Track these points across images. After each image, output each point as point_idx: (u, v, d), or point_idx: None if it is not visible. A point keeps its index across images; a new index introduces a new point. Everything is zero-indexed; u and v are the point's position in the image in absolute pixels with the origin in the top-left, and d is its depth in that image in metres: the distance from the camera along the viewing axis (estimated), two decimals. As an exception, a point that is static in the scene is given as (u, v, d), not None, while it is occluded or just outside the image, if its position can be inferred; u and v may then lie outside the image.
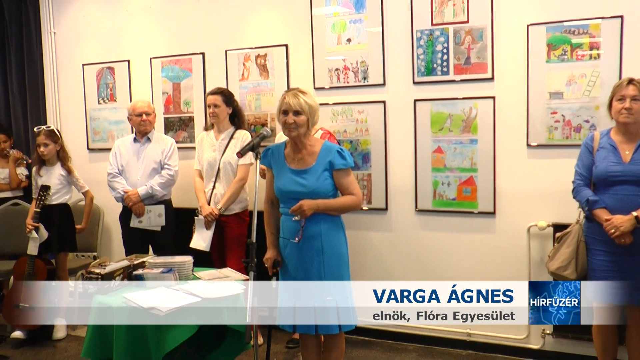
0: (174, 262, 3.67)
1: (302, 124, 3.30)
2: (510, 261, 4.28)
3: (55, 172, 4.95)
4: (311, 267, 3.33)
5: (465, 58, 4.30)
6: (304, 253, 3.35)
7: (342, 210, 3.40)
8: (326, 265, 3.32)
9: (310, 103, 3.33)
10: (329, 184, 3.33)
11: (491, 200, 4.31)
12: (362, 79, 4.64)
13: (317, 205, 3.28)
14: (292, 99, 3.31)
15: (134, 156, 4.88)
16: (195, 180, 4.78)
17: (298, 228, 3.32)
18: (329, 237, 3.34)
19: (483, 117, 4.28)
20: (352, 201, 3.37)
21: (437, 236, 4.52)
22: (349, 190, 3.37)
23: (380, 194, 4.65)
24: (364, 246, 4.73)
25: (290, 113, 3.30)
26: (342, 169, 3.34)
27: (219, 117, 4.63)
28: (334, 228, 3.38)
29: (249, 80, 5.07)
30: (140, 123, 4.84)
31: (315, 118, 3.36)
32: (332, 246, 3.35)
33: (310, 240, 3.33)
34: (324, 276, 3.32)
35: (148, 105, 4.91)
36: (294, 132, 3.32)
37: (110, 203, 5.31)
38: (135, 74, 5.65)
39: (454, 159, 4.39)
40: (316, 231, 3.32)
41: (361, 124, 4.67)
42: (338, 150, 3.34)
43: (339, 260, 3.37)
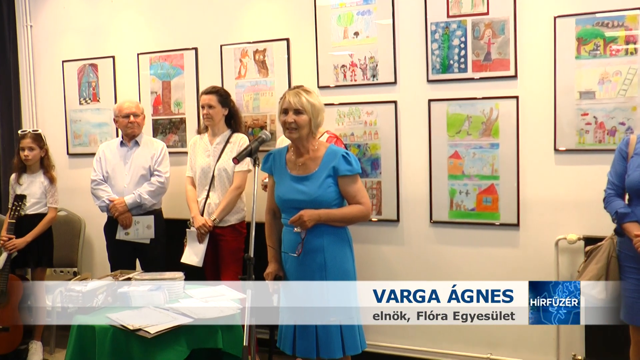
0: (163, 279, 3.69)
1: (303, 124, 3.31)
2: (536, 277, 4.05)
3: (37, 181, 4.96)
4: (312, 284, 3.34)
5: (485, 54, 4.30)
6: (305, 268, 3.36)
7: (348, 222, 3.40)
8: (329, 283, 3.33)
9: (314, 102, 3.34)
10: (332, 191, 3.33)
11: (514, 210, 4.29)
12: (371, 76, 4.64)
13: (319, 216, 3.28)
14: (293, 97, 3.32)
15: (120, 162, 4.88)
16: (187, 188, 4.77)
17: (298, 240, 3.32)
18: (332, 251, 3.34)
19: (505, 119, 4.27)
20: (359, 211, 3.37)
21: (454, 251, 4.50)
22: (356, 199, 3.37)
23: (391, 204, 4.64)
24: (373, 261, 4.72)
25: (291, 112, 3.31)
26: (348, 176, 3.34)
27: (214, 119, 4.64)
28: (338, 241, 3.38)
29: (246, 78, 5.07)
30: (127, 125, 4.85)
31: (319, 119, 3.37)
32: (336, 262, 3.35)
33: (311, 255, 3.33)
34: (326, 294, 3.32)
35: (136, 105, 4.92)
36: (294, 133, 3.33)
37: (92, 213, 5.31)
38: (121, 72, 5.64)
39: (472, 166, 4.38)
40: (318, 244, 3.33)
41: (370, 127, 4.66)
42: (343, 154, 3.34)
43: (343, 277, 3.37)
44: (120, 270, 4.08)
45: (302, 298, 3.37)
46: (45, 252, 4.99)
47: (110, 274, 3.94)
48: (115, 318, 3.27)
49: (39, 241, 4.93)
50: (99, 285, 3.56)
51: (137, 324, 3.17)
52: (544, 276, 4.20)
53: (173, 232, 4.95)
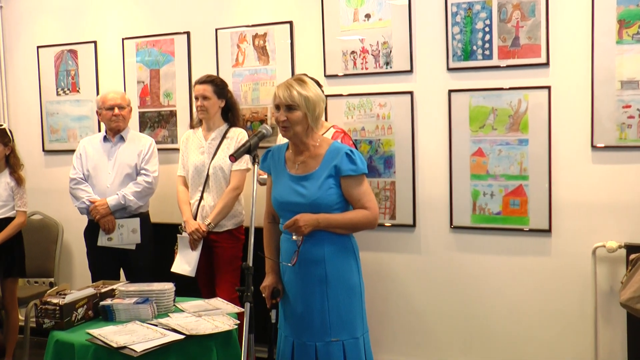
0: (151, 291, 3.67)
1: (296, 121, 3.30)
2: (570, 291, 4.27)
3: (2, 182, 4.95)
4: (312, 299, 3.33)
5: (513, 38, 4.29)
6: (304, 281, 3.35)
7: (351, 229, 3.39)
8: (330, 298, 3.31)
9: (307, 95, 3.30)
10: (333, 193, 3.31)
11: (546, 214, 4.28)
12: (384, 64, 4.64)
13: (317, 221, 3.26)
14: (282, 91, 3.31)
15: (103, 159, 4.89)
16: (179, 189, 4.79)
17: (295, 249, 3.31)
18: (334, 262, 3.33)
19: (535, 112, 4.27)
20: (363, 217, 3.35)
21: (478, 260, 4.51)
22: (361, 203, 3.35)
23: (406, 207, 4.65)
24: (384, 273, 4.72)
25: (282, 108, 3.31)
26: (352, 176, 3.32)
27: (209, 112, 4.65)
28: (342, 251, 3.37)
29: (244, 66, 5.07)
30: (111, 118, 4.85)
31: (316, 113, 3.34)
32: (339, 274, 3.34)
33: (310, 266, 3.32)
34: (327, 311, 3.32)
35: (122, 96, 4.94)
36: (288, 131, 3.33)
37: (71, 216, 5.33)
38: (104, 59, 5.65)
39: (498, 164, 4.38)
40: (318, 255, 3.32)
41: (383, 121, 4.66)
42: (347, 152, 3.32)
43: (348, 291, 3.36)
44: (102, 280, 4.07)
45: (300, 314, 3.36)
46: (16, 261, 4.98)
47: (92, 285, 3.92)
48: (97, 334, 3.25)
49: (7, 249, 4.92)
50: (79, 297, 3.53)
51: (121, 341, 3.15)
52: (580, 289, 4.25)
53: (162, 238, 4.96)
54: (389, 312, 4.73)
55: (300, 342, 3.35)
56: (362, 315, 3.41)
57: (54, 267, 5.58)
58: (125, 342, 3.14)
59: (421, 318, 4.67)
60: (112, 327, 3.38)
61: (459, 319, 4.56)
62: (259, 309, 3.34)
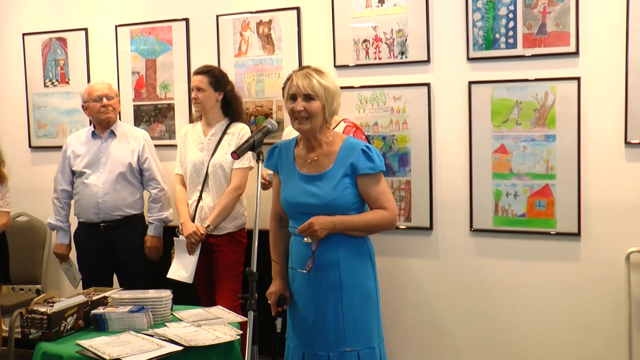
0: (146, 298, 3.68)
1: (315, 112, 3.31)
2: (602, 301, 4.27)
3: None
4: (325, 306, 3.33)
5: (540, 25, 4.28)
6: (317, 287, 3.35)
7: (369, 231, 3.41)
8: (345, 305, 3.32)
9: (327, 85, 3.34)
10: (350, 194, 3.32)
11: (575, 217, 4.28)
12: (399, 54, 4.63)
13: (333, 224, 3.27)
14: (301, 79, 3.32)
15: (94, 157, 4.88)
16: (176, 188, 4.80)
17: (309, 254, 3.31)
18: (349, 266, 3.34)
19: (563, 106, 4.26)
20: (382, 218, 3.36)
21: (500, 265, 4.51)
22: (379, 203, 3.36)
23: (422, 209, 4.65)
24: (400, 278, 4.73)
25: (300, 98, 3.31)
26: (369, 175, 3.33)
27: (204, 105, 4.67)
28: (357, 254, 3.38)
29: (248, 55, 5.08)
30: (100, 110, 4.85)
31: (334, 106, 3.37)
32: (354, 279, 3.35)
33: (324, 271, 3.33)
34: (342, 319, 3.32)
35: (109, 86, 4.95)
36: (305, 124, 3.33)
37: None
38: (95, 48, 5.65)
39: (523, 162, 4.38)
40: (332, 258, 3.32)
41: (398, 115, 4.65)
42: (363, 148, 3.34)
43: (363, 297, 3.36)
44: (94, 287, 4.08)
45: (312, 322, 3.37)
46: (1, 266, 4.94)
47: (82, 292, 3.92)
48: (87, 346, 3.25)
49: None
50: (68, 305, 3.53)
51: (114, 353, 3.15)
52: (612, 297, 4.23)
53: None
54: (404, 321, 4.72)
55: (311, 352, 3.36)
56: (378, 323, 3.42)
57: (41, 273, 5.59)
58: (118, 354, 3.13)
59: (438, 328, 4.66)
60: (105, 337, 3.38)
61: (480, 329, 4.55)
62: (264, 318, 3.31)
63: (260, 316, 3.02)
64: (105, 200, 4.79)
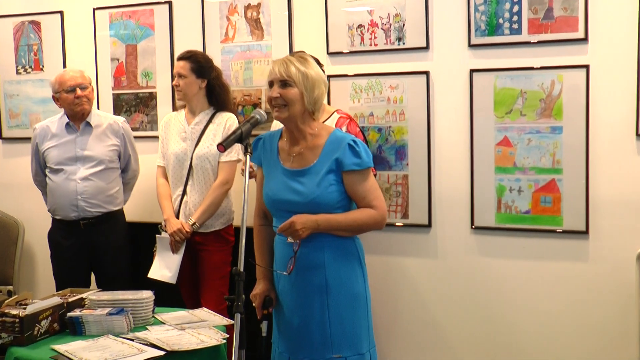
0: (126, 300, 3.67)
1: (292, 99, 3.30)
2: (612, 302, 4.27)
3: None
4: (311, 310, 3.34)
5: (546, 10, 4.28)
6: (301, 290, 3.36)
7: (356, 230, 3.40)
8: (332, 309, 3.32)
9: (307, 72, 3.32)
10: (334, 191, 3.31)
11: (583, 214, 4.29)
12: (396, 40, 4.62)
13: (317, 223, 3.26)
14: (279, 65, 3.32)
15: (69, 152, 4.83)
16: (159, 182, 4.79)
17: (291, 254, 3.31)
18: (336, 268, 3.34)
19: (571, 95, 4.26)
20: (370, 217, 3.35)
21: (503, 265, 4.52)
22: (366, 201, 3.35)
23: (421, 205, 4.65)
24: (395, 280, 4.74)
25: (276, 84, 3.32)
26: (355, 171, 3.32)
27: (186, 93, 4.66)
28: (344, 256, 3.38)
29: (235, 41, 5.08)
30: (74, 102, 4.79)
31: (315, 94, 3.35)
32: (341, 282, 3.35)
33: (308, 273, 3.33)
34: (328, 324, 3.32)
35: (82, 75, 4.88)
36: (282, 112, 3.32)
37: (34, 215, 5.40)
38: (71, 32, 5.64)
39: (527, 155, 4.39)
40: (317, 260, 3.32)
41: (394, 105, 4.65)
42: (350, 142, 3.32)
43: (351, 301, 3.37)
44: (70, 288, 4.05)
45: (297, 326, 3.37)
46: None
47: (57, 294, 3.90)
48: (63, 351, 3.24)
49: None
50: (42, 307, 3.51)
51: (91, 358, 3.14)
52: (622, 299, 4.24)
53: (139, 240, 4.97)
54: (399, 326, 4.71)
55: (297, 359, 3.37)
56: (367, 328, 3.41)
57: (13, 272, 5.58)
58: (96, 359, 3.12)
59: (436, 333, 4.66)
60: (81, 342, 3.36)
61: (481, 334, 4.55)
62: (251, 321, 3.32)
63: (248, 319, 3.02)
64: (85, 197, 4.75)
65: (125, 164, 4.92)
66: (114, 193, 4.85)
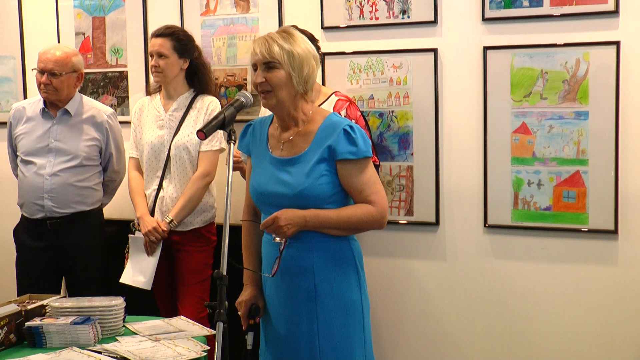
0: (93, 307, 3.65)
1: (278, 83, 3.30)
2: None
3: None
4: (299, 320, 3.36)
5: (570, -21, 4.30)
6: (288, 297, 3.38)
7: (351, 229, 3.40)
8: (321, 319, 3.34)
9: (292, 49, 3.30)
10: (326, 182, 3.32)
11: (611, 211, 4.29)
12: (400, 13, 4.63)
13: (305, 219, 3.27)
14: (260, 45, 3.31)
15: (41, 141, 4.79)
16: (131, 175, 4.82)
17: (276, 255, 3.30)
18: (326, 273, 3.34)
19: (599, 76, 4.27)
20: (366, 214, 3.34)
21: (520, 269, 4.53)
22: (363, 196, 3.34)
23: (427, 200, 4.67)
24: (400, 283, 4.75)
25: (260, 68, 3.31)
26: (350, 161, 3.31)
27: (167, 74, 4.65)
28: (337, 259, 3.38)
29: (217, 14, 5.10)
30: (39, 87, 4.75)
31: (304, 73, 3.34)
32: (332, 289, 3.35)
33: (295, 278, 3.35)
34: (317, 336, 3.34)
35: (59, 59, 4.73)
36: (269, 98, 3.34)
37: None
38: (30, 2, 5.63)
39: (548, 144, 4.39)
40: (305, 263, 3.33)
41: (398, 87, 4.66)
42: (346, 128, 3.31)
43: (344, 311, 3.37)
44: (29, 294, 4.04)
45: (284, 337, 3.40)
46: None
47: (15, 300, 3.89)
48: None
49: None
50: (-2, 315, 3.52)
51: (53, 374, 3.14)
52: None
53: (110, 240, 4.99)
54: (405, 334, 4.73)
55: None
56: (363, 340, 3.41)
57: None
58: (58, 376, 3.11)
59: (446, 343, 4.68)
60: (42, 355, 3.32)
61: (495, 344, 4.57)
62: (235, 330, 3.33)
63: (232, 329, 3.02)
64: (52, 195, 4.73)
65: (105, 163, 4.90)
66: (87, 192, 4.82)
